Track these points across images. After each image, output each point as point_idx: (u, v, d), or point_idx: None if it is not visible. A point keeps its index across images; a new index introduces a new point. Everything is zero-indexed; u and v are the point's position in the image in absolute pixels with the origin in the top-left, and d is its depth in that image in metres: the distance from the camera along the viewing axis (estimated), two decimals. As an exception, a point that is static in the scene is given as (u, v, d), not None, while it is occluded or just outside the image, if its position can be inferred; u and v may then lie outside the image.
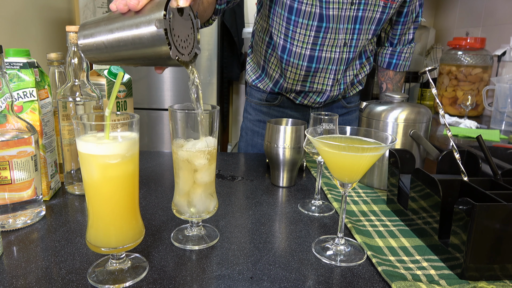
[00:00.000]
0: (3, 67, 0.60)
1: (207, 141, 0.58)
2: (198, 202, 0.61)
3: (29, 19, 2.03)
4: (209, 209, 0.62)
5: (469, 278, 0.53)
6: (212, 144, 0.59)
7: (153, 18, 0.51)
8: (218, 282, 0.52)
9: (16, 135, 0.64)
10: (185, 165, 0.59)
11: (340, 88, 1.13)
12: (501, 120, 1.59)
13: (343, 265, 0.57)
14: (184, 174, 0.59)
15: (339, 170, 0.58)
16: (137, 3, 0.51)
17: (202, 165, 0.58)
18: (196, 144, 0.58)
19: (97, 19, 0.55)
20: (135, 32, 0.52)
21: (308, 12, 0.97)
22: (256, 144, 1.23)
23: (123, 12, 0.52)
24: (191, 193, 0.60)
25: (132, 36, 0.52)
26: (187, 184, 0.60)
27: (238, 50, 2.58)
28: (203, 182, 0.60)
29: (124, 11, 0.52)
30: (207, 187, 0.61)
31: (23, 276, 0.52)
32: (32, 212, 0.67)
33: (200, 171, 0.59)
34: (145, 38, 0.51)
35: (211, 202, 0.62)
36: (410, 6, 1.08)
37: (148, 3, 0.52)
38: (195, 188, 0.60)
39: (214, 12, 0.88)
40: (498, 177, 0.65)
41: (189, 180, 0.60)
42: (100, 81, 0.89)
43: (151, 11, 0.51)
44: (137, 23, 0.51)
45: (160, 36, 0.50)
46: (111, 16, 0.54)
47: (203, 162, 0.58)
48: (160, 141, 2.38)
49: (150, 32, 0.51)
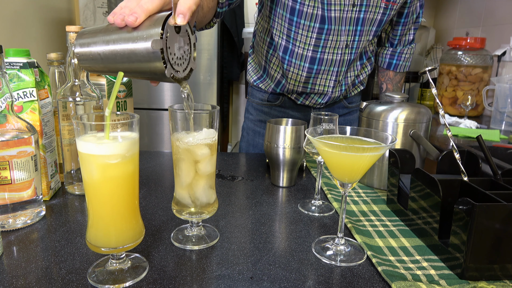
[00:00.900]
0: (3, 67, 0.60)
1: (207, 133, 0.58)
2: (201, 194, 0.61)
3: (29, 19, 2.03)
4: (210, 201, 0.62)
5: (469, 278, 0.53)
6: (212, 135, 0.59)
7: (150, 34, 0.50)
8: (218, 282, 0.52)
9: (16, 135, 0.64)
10: (186, 156, 0.58)
11: (341, 89, 1.13)
12: (501, 120, 1.59)
13: (343, 265, 0.57)
14: (185, 165, 0.59)
15: (339, 170, 0.58)
16: (134, 20, 0.50)
17: (203, 156, 0.58)
18: (197, 134, 0.58)
19: (95, 29, 0.55)
20: (131, 46, 0.51)
21: (310, 14, 0.97)
22: (257, 144, 1.23)
23: (120, 27, 0.52)
24: (193, 185, 0.60)
25: (128, 51, 0.51)
26: (188, 176, 0.60)
27: (238, 50, 2.58)
28: (205, 173, 0.60)
29: (121, 26, 0.52)
30: (208, 179, 0.61)
31: (23, 276, 0.52)
32: (32, 212, 0.67)
33: (202, 161, 0.59)
34: (141, 55, 0.51)
35: (212, 195, 0.63)
36: (411, 7, 1.08)
37: (145, 20, 0.52)
38: (197, 179, 0.60)
39: (215, 15, 0.87)
40: (498, 177, 0.65)
41: (190, 172, 0.59)
42: (100, 81, 0.89)
43: (149, 28, 0.50)
44: (133, 38, 0.51)
45: (155, 54, 0.50)
46: (109, 28, 0.53)
47: (205, 152, 0.58)
48: (160, 141, 2.38)
49: (146, 49, 0.50)
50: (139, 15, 0.51)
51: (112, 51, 0.53)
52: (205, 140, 0.58)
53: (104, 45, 0.53)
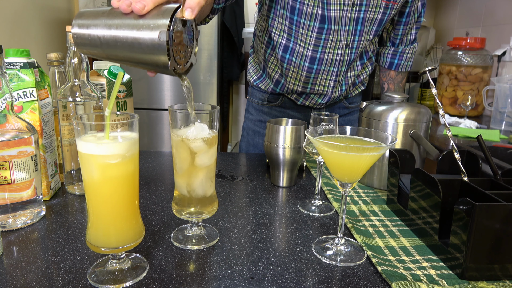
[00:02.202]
0: (3, 67, 0.60)
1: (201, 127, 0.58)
2: (197, 186, 0.60)
3: (29, 19, 2.03)
4: (206, 194, 0.61)
5: (469, 278, 0.53)
6: (206, 130, 0.58)
7: (157, 24, 0.48)
8: (218, 282, 0.52)
9: (16, 135, 0.64)
10: (182, 148, 0.58)
11: (341, 89, 1.13)
12: (501, 120, 1.59)
13: (343, 265, 0.57)
14: (183, 156, 0.59)
15: (339, 170, 0.58)
16: (142, 8, 0.49)
17: (200, 148, 0.58)
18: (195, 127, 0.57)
19: (96, 12, 0.53)
20: (135, 34, 0.49)
21: (310, 13, 0.97)
22: (257, 144, 1.23)
23: (125, 13, 0.50)
24: (190, 175, 0.60)
25: (132, 39, 0.50)
26: (185, 163, 0.59)
27: (238, 50, 2.58)
28: (201, 165, 0.59)
29: (127, 12, 0.50)
30: (207, 172, 0.61)
31: (23, 276, 0.52)
32: (32, 212, 0.67)
33: (198, 154, 0.58)
34: (145, 44, 0.49)
35: (209, 189, 0.62)
36: (412, 6, 1.08)
37: (153, 8, 0.50)
38: (194, 170, 0.59)
39: (212, 11, 0.87)
40: (498, 177, 0.65)
41: (185, 162, 0.59)
42: (100, 81, 0.89)
43: (156, 18, 0.49)
44: (138, 26, 0.49)
45: (161, 46, 0.49)
46: (112, 12, 0.51)
47: (200, 145, 0.58)
48: (160, 141, 2.38)
49: (151, 39, 0.49)
50: (147, 3, 0.49)
51: (113, 36, 0.50)
52: (201, 135, 0.57)
53: (106, 29, 0.51)
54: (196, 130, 0.57)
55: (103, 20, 0.51)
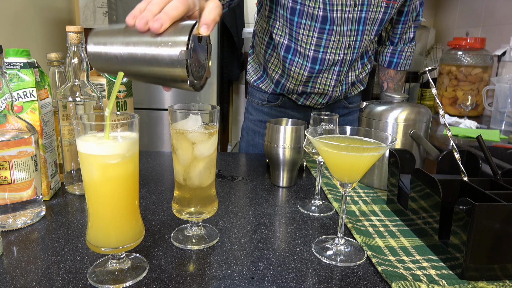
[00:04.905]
0: (3, 67, 0.60)
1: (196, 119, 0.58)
2: (195, 175, 0.60)
3: (29, 19, 2.03)
4: (202, 185, 0.61)
5: (469, 278, 0.53)
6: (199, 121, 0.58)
7: (175, 42, 0.49)
8: (218, 282, 0.52)
9: (16, 135, 0.64)
10: (181, 136, 0.58)
11: (342, 89, 1.13)
12: (501, 120, 1.59)
13: (343, 265, 0.57)
14: (182, 146, 0.59)
15: (339, 170, 0.58)
16: (159, 26, 0.49)
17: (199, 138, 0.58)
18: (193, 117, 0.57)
19: (111, 30, 0.53)
20: (154, 52, 0.50)
21: (311, 14, 0.97)
22: (257, 144, 1.23)
23: (142, 31, 0.50)
24: (191, 165, 0.60)
25: (150, 56, 0.50)
26: (186, 155, 0.59)
27: (238, 50, 2.58)
28: (200, 156, 0.59)
29: (143, 30, 0.50)
30: (206, 162, 0.60)
31: (23, 276, 0.52)
32: (32, 212, 0.67)
33: (198, 143, 0.58)
34: (163, 61, 0.49)
35: (206, 180, 0.61)
36: (411, 5, 1.09)
37: (170, 26, 0.50)
38: (197, 161, 0.59)
39: None
40: (498, 177, 0.65)
41: (186, 153, 0.59)
42: (100, 81, 0.89)
43: (174, 35, 0.49)
44: (157, 43, 0.49)
45: (180, 63, 0.49)
46: (128, 30, 0.52)
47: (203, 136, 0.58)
48: (160, 141, 2.38)
49: (170, 56, 0.49)
50: (164, 21, 0.50)
51: (131, 54, 0.51)
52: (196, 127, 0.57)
53: (123, 46, 0.51)
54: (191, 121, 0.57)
55: (120, 38, 0.52)
